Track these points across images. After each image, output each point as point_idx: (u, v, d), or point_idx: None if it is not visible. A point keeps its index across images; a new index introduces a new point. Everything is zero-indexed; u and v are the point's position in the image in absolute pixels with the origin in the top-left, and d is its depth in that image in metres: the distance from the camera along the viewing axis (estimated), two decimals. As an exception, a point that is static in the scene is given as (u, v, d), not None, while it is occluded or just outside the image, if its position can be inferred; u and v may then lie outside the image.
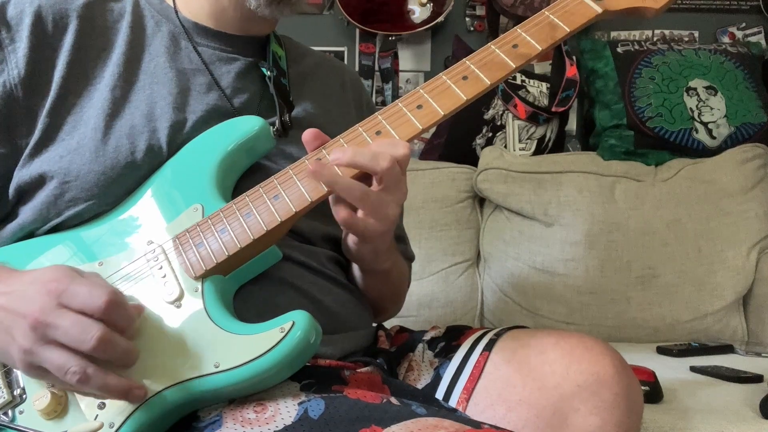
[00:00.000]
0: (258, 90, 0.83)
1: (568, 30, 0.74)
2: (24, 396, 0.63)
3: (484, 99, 1.81)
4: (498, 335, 0.78)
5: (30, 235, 0.75)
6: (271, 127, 0.78)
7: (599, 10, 0.74)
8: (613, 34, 1.99)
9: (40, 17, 0.76)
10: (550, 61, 1.93)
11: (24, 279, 0.62)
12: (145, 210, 0.72)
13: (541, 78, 1.88)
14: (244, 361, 0.59)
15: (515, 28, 0.74)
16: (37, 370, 0.59)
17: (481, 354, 0.76)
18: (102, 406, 0.61)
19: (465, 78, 0.71)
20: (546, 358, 0.72)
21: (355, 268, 0.85)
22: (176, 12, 0.83)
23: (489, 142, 1.84)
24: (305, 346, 0.60)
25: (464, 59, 0.73)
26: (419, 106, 0.71)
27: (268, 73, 0.83)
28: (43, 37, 0.75)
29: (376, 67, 1.91)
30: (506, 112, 1.84)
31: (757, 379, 1.15)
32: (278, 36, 0.92)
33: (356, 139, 0.70)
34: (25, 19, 0.75)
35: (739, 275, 1.58)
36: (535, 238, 1.63)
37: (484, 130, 1.83)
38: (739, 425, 0.94)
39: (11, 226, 0.75)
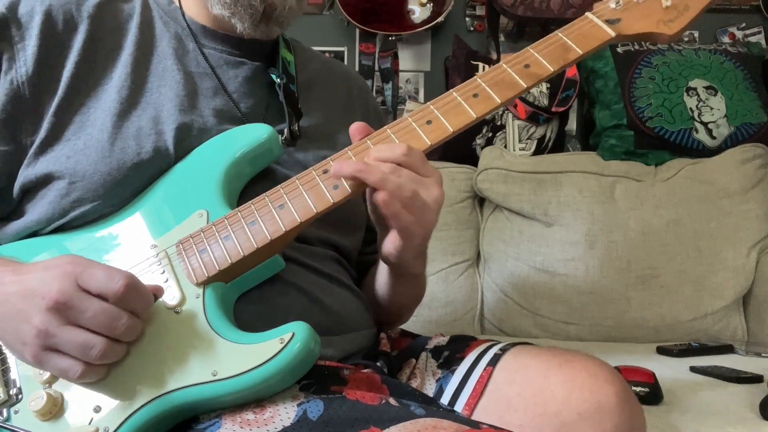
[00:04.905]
0: (265, 95, 0.83)
1: (581, 52, 0.73)
2: (20, 396, 0.64)
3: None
4: (503, 350, 0.77)
5: (33, 234, 0.75)
6: (280, 136, 0.78)
7: (613, 34, 0.74)
8: (613, 34, 1.99)
9: (50, 16, 0.75)
10: (550, 61, 1.93)
11: (37, 266, 0.62)
12: (149, 213, 0.72)
13: (541, 78, 1.88)
14: (242, 370, 0.59)
15: (527, 48, 0.74)
16: (48, 354, 0.59)
17: (484, 369, 0.75)
18: (98, 410, 0.60)
19: (475, 95, 0.71)
20: (548, 383, 0.71)
21: (384, 275, 0.84)
22: (183, 14, 0.83)
23: (489, 142, 1.84)
24: (304, 358, 0.60)
25: (475, 76, 0.73)
26: (428, 122, 0.70)
27: (278, 80, 0.83)
28: (53, 37, 0.75)
29: (376, 67, 1.91)
30: (506, 112, 1.84)
31: (757, 379, 1.15)
32: (287, 39, 0.91)
33: (365, 152, 0.69)
34: (36, 17, 0.75)
35: (739, 275, 1.58)
36: (535, 238, 1.63)
37: (484, 130, 1.83)
38: (739, 426, 0.94)
39: (15, 225, 0.75)
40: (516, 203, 1.65)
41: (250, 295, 0.70)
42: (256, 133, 0.75)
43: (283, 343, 0.59)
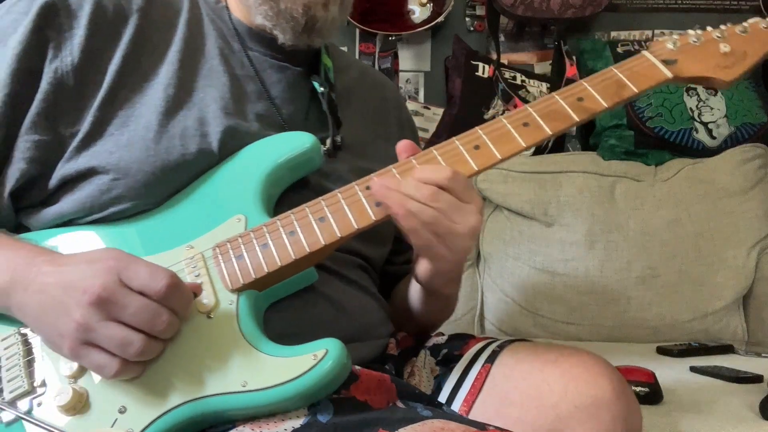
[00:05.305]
0: (305, 102, 0.83)
1: (636, 91, 0.72)
2: (44, 389, 0.62)
3: (484, 99, 1.81)
4: (501, 347, 0.78)
5: (69, 223, 0.73)
6: (322, 146, 0.77)
7: (670, 75, 0.74)
8: (613, 34, 1.99)
9: (100, 6, 0.74)
10: (550, 61, 1.93)
11: (78, 258, 0.61)
12: (188, 214, 0.71)
13: (541, 78, 1.88)
14: (274, 384, 0.58)
15: (581, 81, 0.73)
16: (85, 349, 0.58)
17: (482, 366, 0.75)
18: (123, 410, 0.60)
19: (526, 125, 0.70)
20: (545, 376, 0.71)
21: (416, 292, 0.84)
22: (229, 14, 0.82)
23: (489, 142, 1.83)
24: (335, 376, 0.59)
25: (526, 105, 0.72)
26: (476, 147, 0.70)
27: (321, 89, 0.82)
28: (102, 27, 0.73)
29: (376, 67, 1.91)
30: (506, 112, 1.84)
31: (757, 379, 1.15)
32: (326, 44, 0.90)
33: (409, 171, 0.69)
34: (86, 6, 0.73)
35: (739, 275, 1.58)
36: (535, 238, 1.63)
37: (484, 130, 1.83)
38: (739, 426, 0.94)
39: (50, 211, 0.73)
40: (516, 203, 1.65)
41: (279, 303, 0.70)
42: (299, 141, 0.75)
43: (316, 359, 0.59)
